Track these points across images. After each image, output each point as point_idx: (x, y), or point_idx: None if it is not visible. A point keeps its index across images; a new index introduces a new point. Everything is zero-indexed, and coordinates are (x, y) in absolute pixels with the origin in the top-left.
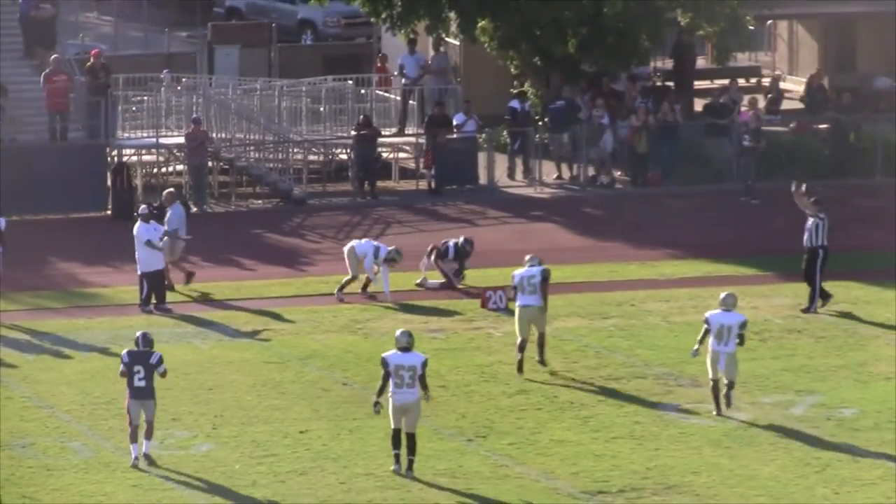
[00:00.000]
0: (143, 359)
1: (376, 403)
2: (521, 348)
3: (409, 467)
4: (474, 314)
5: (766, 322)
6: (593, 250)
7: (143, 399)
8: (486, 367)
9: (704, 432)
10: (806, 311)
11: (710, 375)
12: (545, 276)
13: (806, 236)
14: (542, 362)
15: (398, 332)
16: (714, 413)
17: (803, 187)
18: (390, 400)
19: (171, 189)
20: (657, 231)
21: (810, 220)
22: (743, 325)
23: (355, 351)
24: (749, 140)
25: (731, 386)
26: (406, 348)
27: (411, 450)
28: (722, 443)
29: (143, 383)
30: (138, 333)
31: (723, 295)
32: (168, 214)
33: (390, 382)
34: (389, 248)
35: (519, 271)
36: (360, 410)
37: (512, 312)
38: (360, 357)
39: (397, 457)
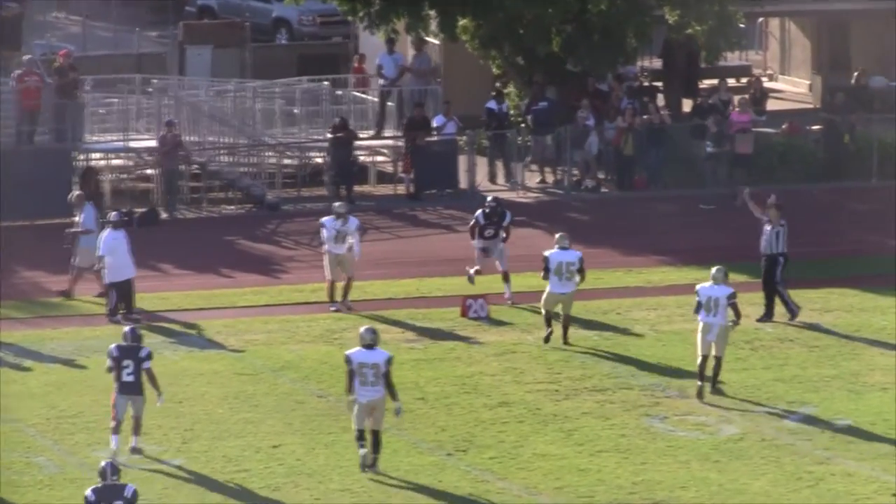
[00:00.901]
0: (132, 353)
1: (350, 402)
2: (549, 321)
3: (374, 464)
4: (454, 323)
5: (757, 330)
6: None
7: (132, 394)
8: (466, 378)
9: (693, 446)
10: (762, 320)
11: (700, 351)
12: (582, 265)
13: (764, 244)
14: (567, 341)
15: (362, 329)
16: (696, 393)
17: (746, 192)
18: (356, 399)
19: (80, 192)
20: (644, 236)
21: (768, 227)
22: (731, 297)
23: (331, 362)
24: (712, 146)
25: (718, 366)
26: (370, 345)
27: (376, 447)
28: (711, 456)
29: (132, 378)
30: (126, 328)
31: (713, 269)
32: (81, 217)
33: (355, 381)
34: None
35: (553, 253)
36: (335, 424)
37: (493, 321)
38: (335, 368)
39: (364, 456)
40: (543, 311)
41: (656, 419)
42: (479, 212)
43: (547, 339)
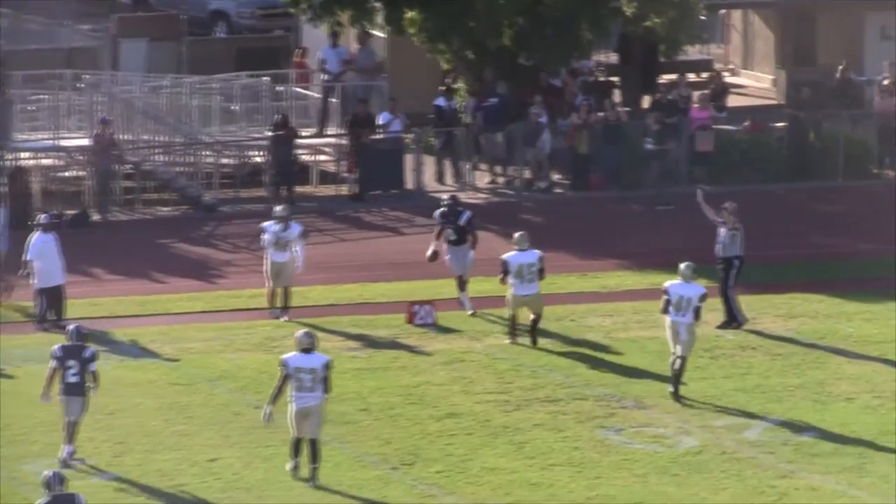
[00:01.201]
0: (76, 353)
1: (269, 413)
2: (514, 324)
3: (314, 476)
4: (399, 330)
5: (718, 338)
6: None
7: (75, 395)
8: (412, 388)
9: (650, 458)
10: (723, 326)
11: (672, 350)
12: (543, 264)
13: (718, 247)
14: (535, 342)
15: (299, 333)
16: (670, 390)
17: (700, 194)
18: (290, 406)
19: None
20: (600, 239)
21: (723, 230)
22: (702, 298)
23: (270, 371)
24: (652, 143)
25: (683, 362)
26: (307, 349)
27: (314, 457)
28: (669, 470)
29: (76, 379)
30: (70, 326)
31: (681, 266)
32: None
33: (290, 386)
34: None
35: (513, 256)
36: (274, 436)
37: (441, 328)
38: (274, 378)
39: (296, 464)
40: (509, 314)
41: (611, 431)
42: (436, 212)
43: (512, 335)
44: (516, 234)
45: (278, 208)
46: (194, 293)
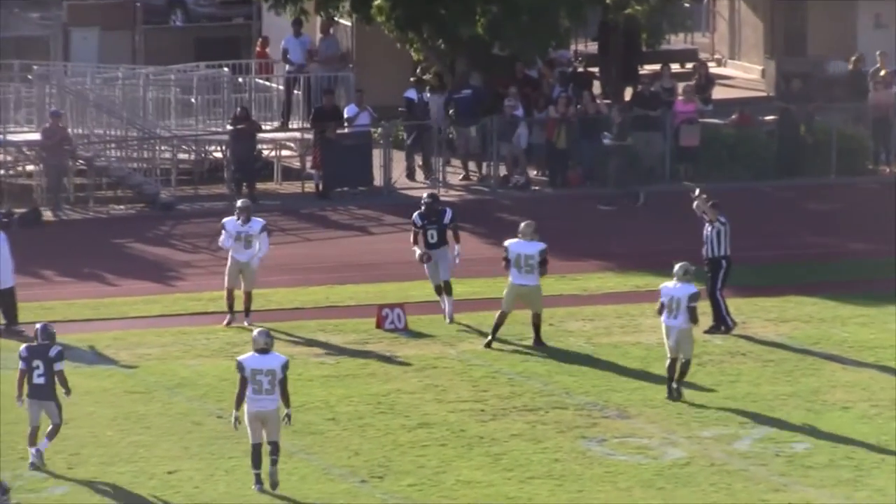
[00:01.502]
0: (41, 353)
1: (235, 419)
2: (500, 323)
3: (272, 472)
4: (368, 335)
5: (706, 343)
6: None
7: (43, 399)
8: (382, 396)
9: (634, 471)
10: (711, 331)
11: (668, 353)
12: (545, 257)
13: (706, 246)
14: (539, 343)
15: (255, 332)
16: (666, 397)
17: (697, 191)
18: (246, 409)
19: None
20: (580, 239)
21: (709, 228)
22: (692, 298)
23: (231, 378)
24: (611, 137)
25: (685, 367)
26: (264, 350)
27: (274, 449)
28: (655, 483)
29: (42, 380)
30: (38, 325)
31: (676, 266)
32: None
33: (248, 389)
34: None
35: (514, 244)
36: (237, 447)
37: (412, 333)
38: (236, 385)
39: (258, 477)
40: (500, 311)
41: (593, 442)
42: (415, 214)
43: (488, 345)
44: (523, 224)
45: (240, 202)
46: (151, 296)
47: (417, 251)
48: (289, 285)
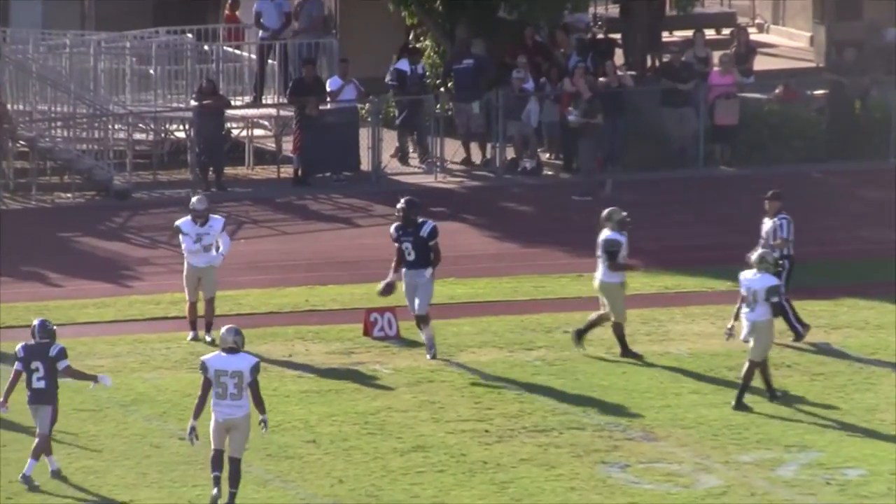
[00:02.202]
0: (41, 353)
1: (192, 429)
2: (593, 325)
3: (230, 501)
4: (354, 344)
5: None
6: (514, 258)
7: (40, 403)
8: (370, 415)
9: (663, 501)
10: (795, 339)
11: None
12: (615, 247)
13: (762, 242)
14: (627, 353)
15: (223, 329)
16: (733, 407)
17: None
18: (213, 415)
19: None
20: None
21: (767, 222)
22: (771, 292)
23: (195, 394)
24: (577, 114)
25: (749, 372)
26: (233, 349)
27: (233, 481)
28: None
29: (42, 384)
30: (35, 321)
31: (754, 254)
32: None
33: (211, 394)
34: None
35: (608, 237)
36: (201, 474)
37: (405, 342)
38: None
39: (217, 479)
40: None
41: (615, 467)
42: (391, 226)
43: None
44: (606, 210)
45: (195, 199)
46: (104, 298)
47: (382, 283)
48: (262, 286)
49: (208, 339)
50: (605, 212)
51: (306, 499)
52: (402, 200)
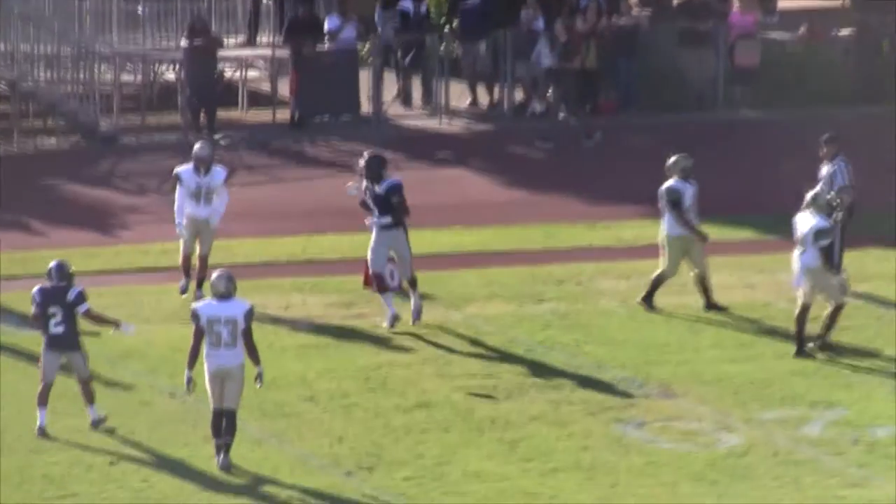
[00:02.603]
0: (58, 297)
1: (189, 380)
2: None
3: (225, 452)
4: (354, 296)
5: (767, 306)
6: (523, 206)
7: (63, 350)
8: (371, 370)
9: (681, 462)
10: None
11: (799, 298)
12: (674, 196)
13: (820, 188)
14: (710, 306)
15: (214, 275)
16: (794, 355)
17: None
18: (205, 365)
19: None
20: (613, 179)
21: (825, 167)
22: (819, 235)
23: (187, 348)
24: (552, 59)
25: (833, 315)
26: (224, 295)
27: (229, 430)
28: (706, 476)
29: (60, 329)
30: (52, 263)
31: (808, 194)
32: None
33: (204, 342)
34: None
35: (672, 185)
36: (194, 432)
37: (405, 294)
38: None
39: (219, 447)
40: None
41: (630, 426)
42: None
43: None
44: (672, 157)
45: (197, 146)
46: (89, 248)
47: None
48: (257, 235)
49: (199, 295)
50: (671, 159)
51: (304, 458)
52: (367, 153)
